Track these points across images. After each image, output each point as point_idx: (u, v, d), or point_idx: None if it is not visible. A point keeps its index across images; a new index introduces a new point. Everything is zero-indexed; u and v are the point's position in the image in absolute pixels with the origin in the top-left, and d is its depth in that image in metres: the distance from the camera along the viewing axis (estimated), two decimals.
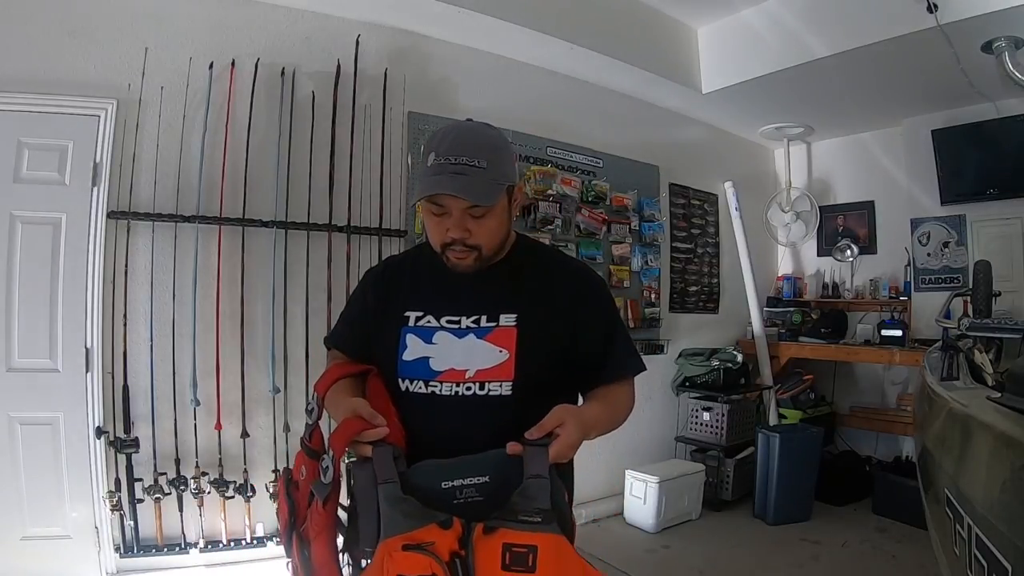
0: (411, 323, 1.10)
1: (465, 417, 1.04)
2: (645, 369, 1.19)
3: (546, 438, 0.93)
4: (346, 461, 0.99)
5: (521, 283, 1.13)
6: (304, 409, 1.13)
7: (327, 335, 1.30)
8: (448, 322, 1.09)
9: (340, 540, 1.00)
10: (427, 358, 1.07)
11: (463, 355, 1.06)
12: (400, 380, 1.08)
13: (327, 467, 0.97)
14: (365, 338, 1.17)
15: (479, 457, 0.95)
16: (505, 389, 1.04)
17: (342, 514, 1.01)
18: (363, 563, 0.95)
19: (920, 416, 1.88)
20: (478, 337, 1.07)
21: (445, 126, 1.08)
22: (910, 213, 4.05)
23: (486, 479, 0.94)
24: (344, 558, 1.00)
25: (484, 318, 1.08)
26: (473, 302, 1.10)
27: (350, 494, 0.96)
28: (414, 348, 1.08)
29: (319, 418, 1.07)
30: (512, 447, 0.93)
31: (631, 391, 1.17)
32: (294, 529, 1.01)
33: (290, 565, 1.04)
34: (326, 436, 1.03)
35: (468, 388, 1.05)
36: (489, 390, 1.04)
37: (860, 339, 4.04)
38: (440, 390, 1.06)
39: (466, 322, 1.08)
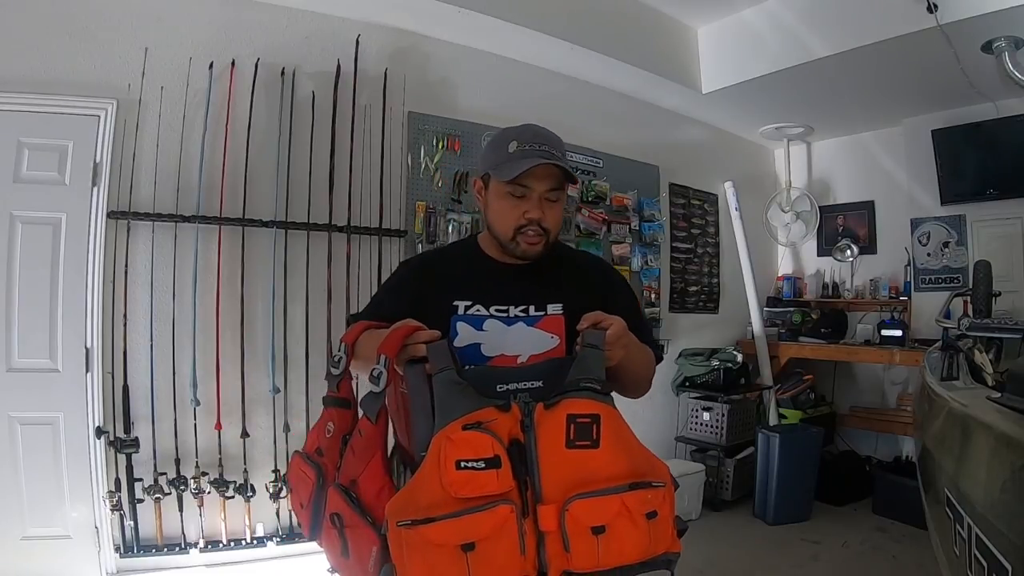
0: (460, 312, 1.13)
1: None
2: (661, 357, 1.25)
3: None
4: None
5: (560, 276, 1.20)
6: (328, 365, 1.11)
7: (353, 313, 1.32)
8: (497, 311, 1.13)
9: None
10: (478, 344, 1.11)
11: (514, 342, 1.11)
12: None
13: (379, 373, 0.96)
14: (394, 319, 1.16)
15: (533, 364, 1.05)
16: None
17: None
18: None
19: (920, 416, 1.88)
20: (528, 325, 1.12)
21: (511, 126, 1.15)
22: (910, 213, 4.05)
23: (539, 384, 0.98)
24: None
25: (532, 307, 1.14)
26: (519, 293, 1.15)
27: (407, 395, 0.96)
28: (465, 335, 1.11)
29: (347, 367, 1.08)
30: (581, 325, 1.01)
31: (653, 360, 1.21)
32: (323, 489, 1.03)
33: (321, 538, 1.04)
34: (355, 391, 1.04)
35: None
36: None
37: (860, 339, 4.04)
38: None
39: (514, 311, 1.13)
